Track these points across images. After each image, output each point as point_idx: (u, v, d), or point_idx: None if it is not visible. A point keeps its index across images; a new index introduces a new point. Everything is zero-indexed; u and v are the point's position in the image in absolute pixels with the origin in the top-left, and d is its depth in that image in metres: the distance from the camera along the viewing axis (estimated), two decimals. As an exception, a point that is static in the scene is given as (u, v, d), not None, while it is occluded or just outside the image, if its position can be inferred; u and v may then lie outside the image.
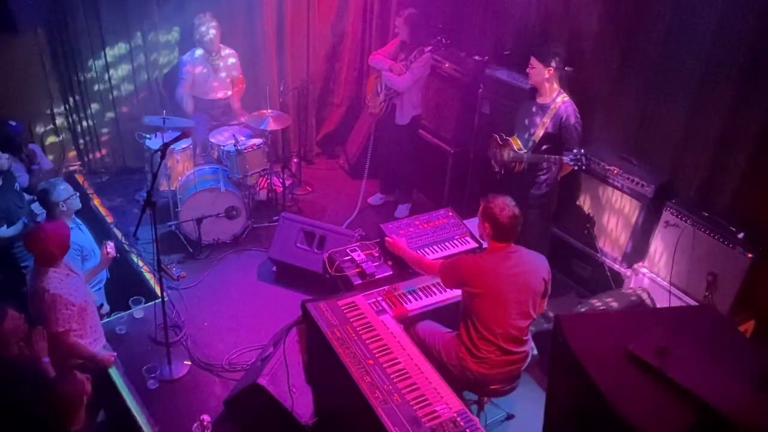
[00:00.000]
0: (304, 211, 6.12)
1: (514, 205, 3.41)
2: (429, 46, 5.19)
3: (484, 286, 3.37)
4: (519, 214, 3.40)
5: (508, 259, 3.42)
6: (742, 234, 4.09)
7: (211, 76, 5.89)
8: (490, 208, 3.39)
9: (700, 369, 2.20)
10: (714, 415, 2.05)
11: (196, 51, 5.82)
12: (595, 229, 4.92)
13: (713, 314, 2.63)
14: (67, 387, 2.90)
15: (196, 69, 5.83)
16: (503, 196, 3.46)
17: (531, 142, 4.55)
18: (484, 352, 3.43)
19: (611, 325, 2.55)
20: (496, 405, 4.04)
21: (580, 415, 2.43)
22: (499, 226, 3.38)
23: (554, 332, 2.57)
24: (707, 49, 4.26)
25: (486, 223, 3.42)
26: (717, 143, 4.34)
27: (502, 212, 3.36)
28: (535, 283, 3.45)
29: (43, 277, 3.60)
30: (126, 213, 5.90)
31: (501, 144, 4.72)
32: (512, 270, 3.40)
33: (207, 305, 4.96)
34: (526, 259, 3.48)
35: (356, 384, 3.03)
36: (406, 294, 3.99)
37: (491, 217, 3.38)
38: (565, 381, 2.53)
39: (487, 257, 3.48)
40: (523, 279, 3.42)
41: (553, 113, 4.44)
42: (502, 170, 4.77)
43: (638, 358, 2.27)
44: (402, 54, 5.44)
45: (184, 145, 5.72)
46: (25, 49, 5.65)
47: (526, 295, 3.43)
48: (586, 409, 2.35)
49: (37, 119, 5.95)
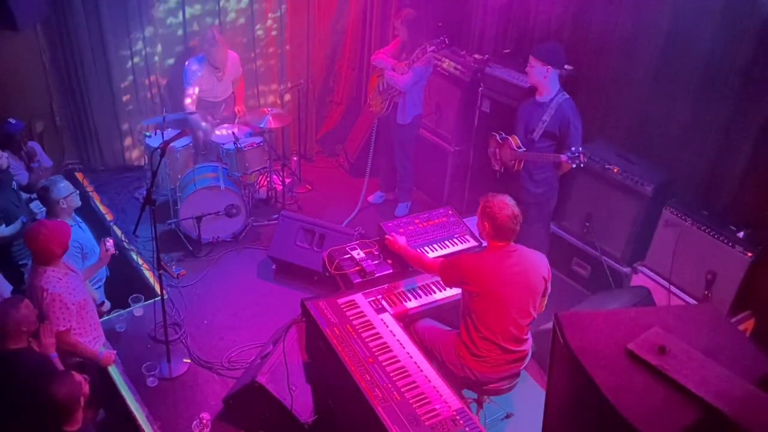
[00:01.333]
0: (304, 209, 6.12)
1: (513, 204, 3.40)
2: (432, 46, 5.16)
3: (484, 285, 3.37)
4: (518, 213, 3.39)
5: (508, 258, 3.42)
6: (742, 233, 4.09)
7: (216, 84, 5.90)
8: (489, 207, 3.38)
9: (700, 368, 2.20)
10: (714, 413, 2.05)
11: (203, 60, 5.77)
12: (594, 228, 4.91)
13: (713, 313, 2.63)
14: (63, 389, 2.89)
15: (203, 77, 5.80)
16: (502, 194, 3.45)
17: (530, 141, 4.55)
18: (484, 351, 3.43)
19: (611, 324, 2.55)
20: (495, 403, 4.04)
21: (580, 414, 2.43)
22: (498, 225, 3.37)
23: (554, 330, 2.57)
24: (708, 49, 4.26)
25: (485, 222, 3.42)
26: (717, 142, 4.35)
27: (502, 211, 3.35)
28: (535, 282, 3.45)
29: (42, 275, 3.60)
30: (126, 211, 5.90)
31: (500, 143, 4.72)
32: (512, 269, 3.40)
33: (206, 303, 4.96)
34: (526, 257, 3.47)
35: (356, 382, 3.03)
36: (406, 292, 3.98)
37: (490, 216, 3.38)
38: (564, 379, 2.53)
39: (487, 256, 3.47)
40: (523, 278, 3.41)
41: (553, 111, 4.43)
42: (501, 168, 4.78)
43: (638, 357, 2.26)
44: (403, 53, 5.43)
45: (185, 143, 5.72)
46: (25, 47, 5.65)
47: (526, 294, 3.42)
48: (585, 407, 2.35)
49: (37, 117, 5.94)
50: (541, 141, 4.52)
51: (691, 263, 4.31)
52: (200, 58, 5.78)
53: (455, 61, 5.66)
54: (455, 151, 5.86)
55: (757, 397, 2.11)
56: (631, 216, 4.68)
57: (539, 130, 4.49)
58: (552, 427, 2.71)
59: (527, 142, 4.57)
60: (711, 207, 4.37)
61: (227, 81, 5.96)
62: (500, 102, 5.28)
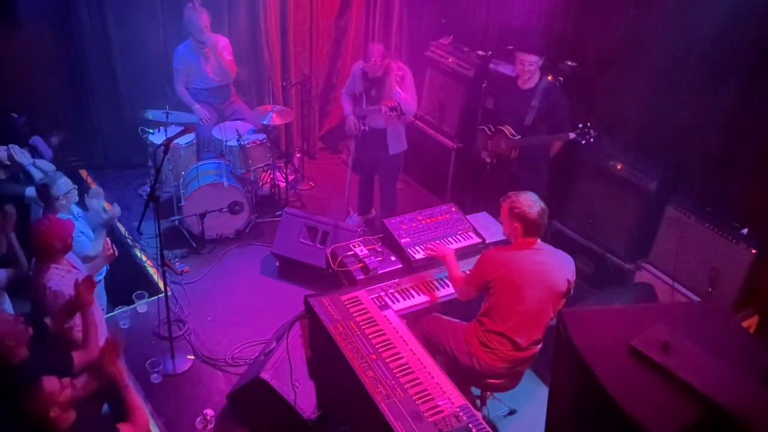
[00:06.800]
0: (307, 206, 6.12)
1: (538, 199, 3.43)
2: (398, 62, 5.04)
3: (506, 276, 3.37)
4: (545, 207, 3.42)
5: (534, 255, 3.43)
6: (746, 230, 4.08)
7: (203, 64, 5.87)
8: (517, 208, 3.40)
9: (704, 365, 2.20)
10: (718, 410, 2.05)
11: (189, 43, 5.79)
12: (598, 225, 4.91)
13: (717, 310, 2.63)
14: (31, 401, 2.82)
15: (188, 59, 5.81)
16: (524, 192, 3.47)
17: (524, 128, 4.65)
18: (496, 344, 3.45)
19: (615, 321, 2.55)
20: (499, 400, 4.04)
21: (583, 411, 2.43)
22: (530, 223, 3.39)
23: (557, 327, 2.57)
24: (712, 43, 4.25)
25: (515, 223, 3.42)
26: (721, 139, 4.33)
27: (531, 209, 3.38)
28: (558, 282, 3.44)
29: (44, 273, 3.59)
30: (129, 208, 5.90)
31: (492, 134, 4.82)
32: (537, 267, 3.40)
33: (210, 300, 4.97)
34: (553, 257, 3.49)
35: (359, 379, 3.04)
36: (409, 289, 3.99)
37: (521, 216, 3.39)
38: (567, 376, 2.53)
39: (514, 251, 3.48)
40: (547, 277, 3.42)
41: (540, 95, 4.58)
42: (493, 160, 4.88)
43: (642, 354, 2.27)
44: (368, 83, 5.04)
45: (188, 140, 5.72)
46: (28, 42, 5.64)
47: (547, 294, 3.42)
48: (589, 404, 2.35)
49: (40, 112, 5.94)
50: (533, 126, 4.63)
51: (694, 260, 4.30)
52: (187, 42, 5.81)
53: (458, 58, 5.65)
54: (458, 148, 5.85)
55: (760, 394, 2.11)
56: (634, 213, 4.67)
57: (531, 115, 4.59)
58: (555, 423, 2.72)
59: (520, 129, 4.67)
60: (715, 204, 4.36)
61: (215, 62, 5.89)
62: (503, 98, 5.25)
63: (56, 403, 2.81)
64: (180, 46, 5.83)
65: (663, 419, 2.08)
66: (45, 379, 2.86)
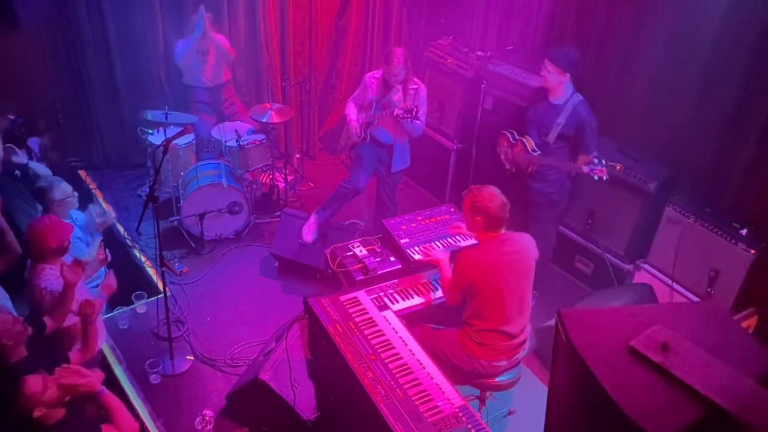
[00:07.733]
0: (306, 206, 6.12)
1: (500, 193, 3.42)
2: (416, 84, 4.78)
3: (482, 275, 3.40)
4: (506, 201, 3.42)
5: (502, 246, 3.45)
6: (745, 230, 4.09)
7: (202, 60, 5.88)
8: (478, 202, 3.40)
9: (703, 365, 2.19)
10: (717, 411, 2.05)
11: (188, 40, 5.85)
12: (597, 225, 4.91)
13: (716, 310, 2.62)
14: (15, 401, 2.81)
15: (188, 55, 5.85)
16: (485, 186, 3.46)
17: (545, 143, 4.43)
18: (489, 340, 3.46)
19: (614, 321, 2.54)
20: (498, 400, 4.04)
21: (582, 411, 2.42)
22: (491, 216, 3.39)
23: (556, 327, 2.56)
24: (711, 46, 4.25)
25: (477, 216, 3.43)
26: (720, 139, 4.34)
27: (492, 203, 3.37)
28: (530, 263, 3.51)
29: (40, 274, 3.59)
30: (129, 208, 5.91)
31: (513, 143, 4.61)
32: (509, 256, 3.44)
33: (209, 300, 4.97)
34: (519, 241, 3.53)
35: (358, 379, 3.03)
36: (409, 289, 3.99)
37: (482, 209, 3.39)
38: (566, 376, 2.53)
39: (481, 248, 3.51)
40: (520, 263, 3.47)
41: (568, 113, 4.31)
42: (513, 168, 4.66)
43: (641, 354, 2.26)
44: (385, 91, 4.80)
45: (187, 141, 5.72)
46: (28, 44, 5.64)
47: (524, 277, 3.48)
48: (587, 405, 2.35)
49: (40, 114, 5.94)
50: (555, 143, 4.40)
51: (693, 260, 4.30)
52: (187, 39, 5.85)
53: (458, 58, 5.65)
54: (458, 148, 5.85)
55: (760, 395, 2.11)
56: (634, 213, 4.67)
57: (554, 132, 4.36)
58: (554, 424, 2.71)
59: (541, 144, 4.45)
60: (714, 204, 4.36)
61: (213, 56, 5.90)
62: (503, 99, 5.26)
63: (40, 403, 2.82)
64: (180, 42, 5.88)
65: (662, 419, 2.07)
66: (28, 379, 2.87)
